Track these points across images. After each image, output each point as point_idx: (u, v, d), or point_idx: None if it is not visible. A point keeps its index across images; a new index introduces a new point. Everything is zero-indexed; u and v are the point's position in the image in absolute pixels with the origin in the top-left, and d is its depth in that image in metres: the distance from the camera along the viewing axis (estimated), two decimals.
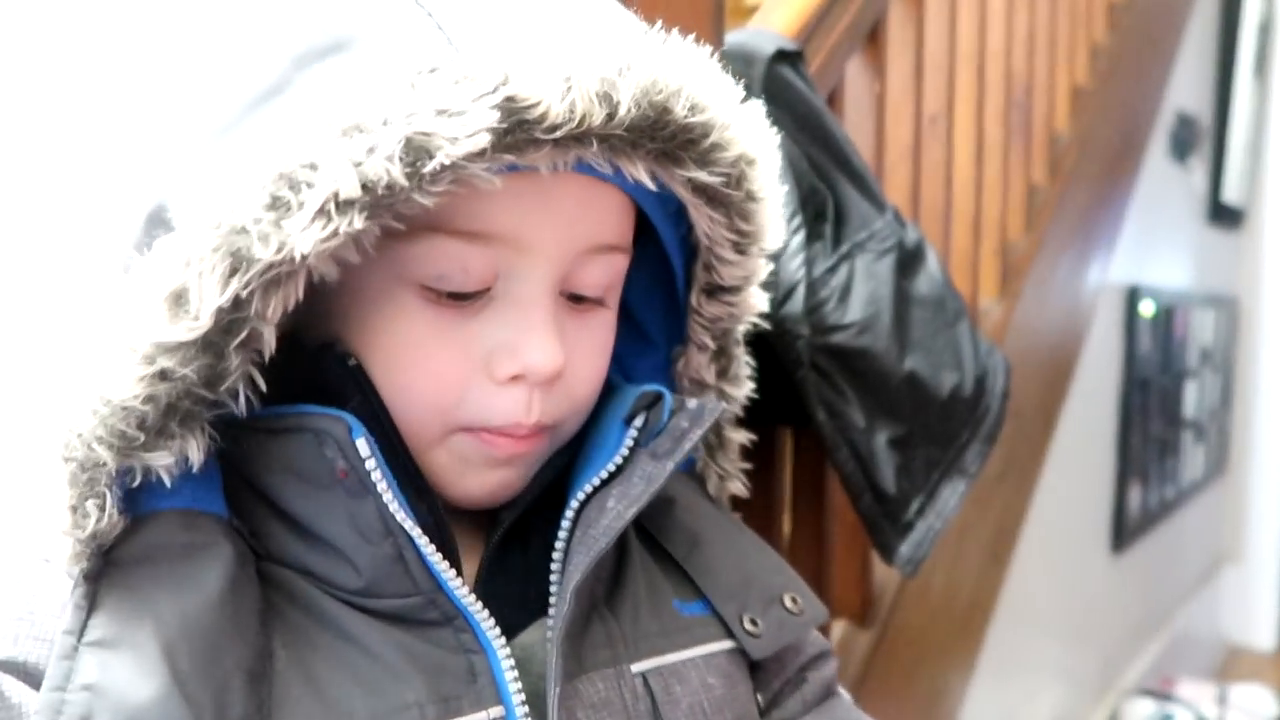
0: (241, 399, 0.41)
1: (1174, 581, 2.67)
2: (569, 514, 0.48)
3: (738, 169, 0.48)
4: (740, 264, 0.53)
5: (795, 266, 0.77)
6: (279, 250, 0.38)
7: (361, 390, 0.45)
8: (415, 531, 0.43)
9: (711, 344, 0.57)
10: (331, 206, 0.37)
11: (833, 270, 0.83)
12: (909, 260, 0.88)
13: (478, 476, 0.48)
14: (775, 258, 0.69)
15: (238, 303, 0.39)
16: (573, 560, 0.46)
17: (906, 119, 1.21)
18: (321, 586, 0.44)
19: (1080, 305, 1.74)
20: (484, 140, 0.38)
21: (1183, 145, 2.34)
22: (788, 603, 0.54)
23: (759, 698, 0.54)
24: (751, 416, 0.64)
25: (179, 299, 0.38)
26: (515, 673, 0.44)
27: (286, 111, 0.40)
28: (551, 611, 0.46)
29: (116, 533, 0.41)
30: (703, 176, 0.46)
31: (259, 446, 0.44)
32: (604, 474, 0.49)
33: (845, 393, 0.82)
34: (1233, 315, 2.90)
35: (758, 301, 0.57)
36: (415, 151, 0.38)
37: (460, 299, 0.45)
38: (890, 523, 0.85)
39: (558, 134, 0.39)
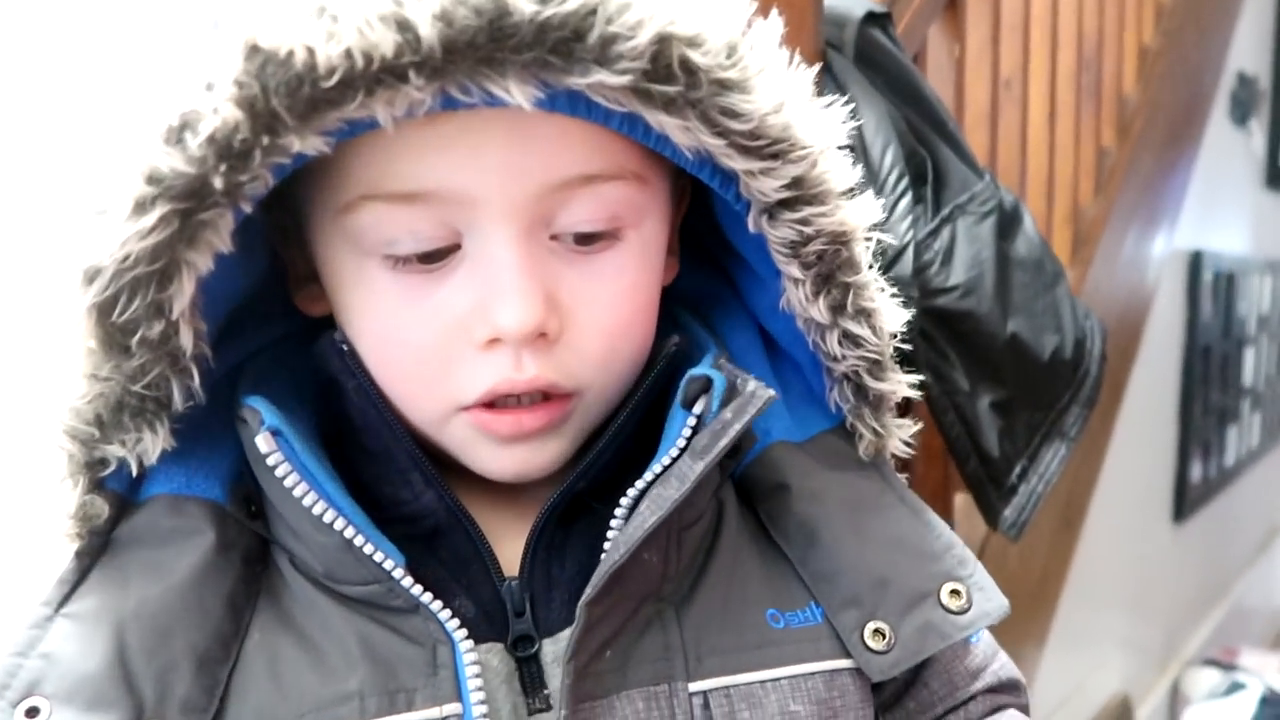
0: (176, 394, 0.41)
1: (1232, 551, 2.64)
2: (620, 511, 0.43)
3: (666, 54, 0.36)
4: (774, 171, 0.41)
5: (904, 229, 0.77)
6: (109, 255, 0.37)
7: (353, 375, 0.43)
8: (340, 524, 0.41)
9: (800, 274, 0.44)
10: (129, 207, 0.36)
11: (934, 233, 0.82)
12: (1008, 222, 0.87)
13: (493, 456, 0.45)
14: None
15: (107, 306, 0.38)
16: (600, 568, 0.41)
17: (984, 82, 1.20)
18: (303, 568, 0.44)
19: (1147, 271, 1.72)
20: (237, 111, 0.35)
21: (1243, 106, 2.29)
22: (945, 597, 0.45)
23: None
24: None
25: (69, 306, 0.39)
26: (478, 668, 0.41)
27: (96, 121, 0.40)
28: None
29: (103, 516, 0.43)
30: (606, 78, 0.36)
31: (242, 431, 0.43)
32: (657, 468, 0.43)
33: (949, 356, 0.81)
34: None
35: (854, 216, 0.44)
36: (184, 134, 0.36)
37: (428, 260, 0.41)
38: (995, 486, 0.84)
39: (334, 79, 0.34)
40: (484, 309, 0.41)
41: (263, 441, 0.40)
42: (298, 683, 0.41)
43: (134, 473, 0.43)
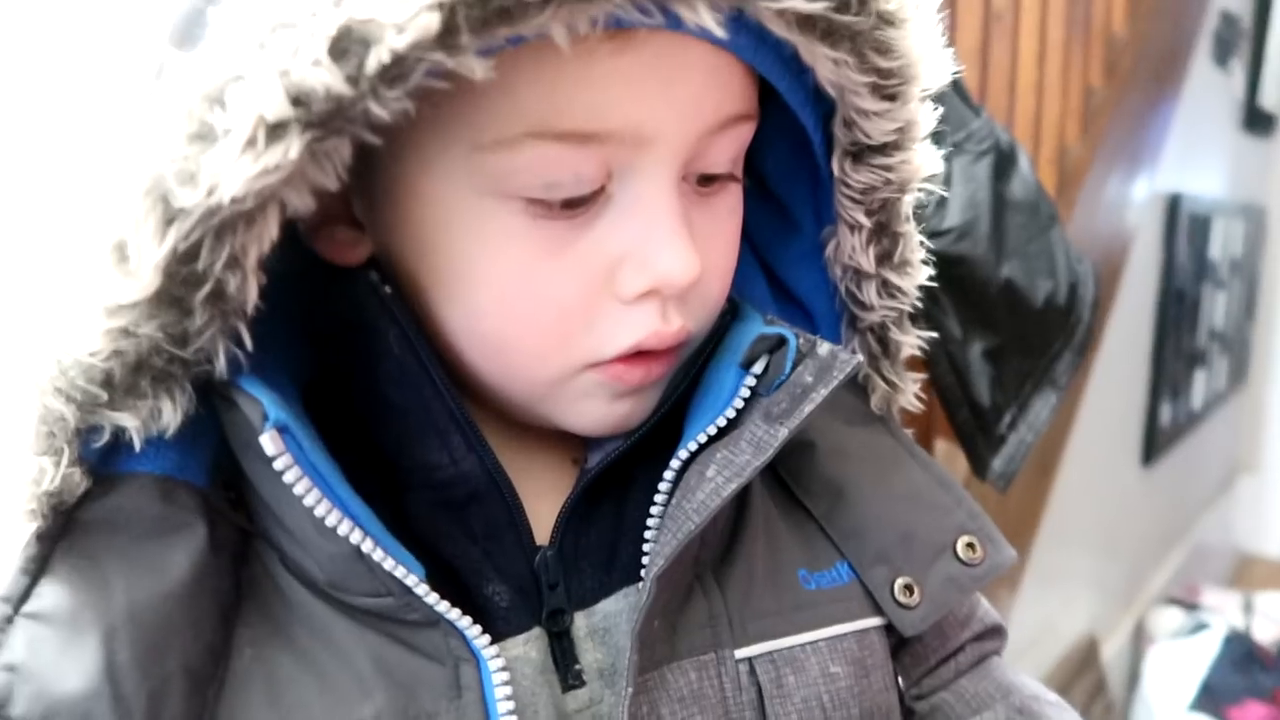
0: (221, 359, 0.35)
1: (1195, 493, 2.69)
2: (669, 474, 0.41)
3: None
4: (890, 113, 0.40)
5: None
6: (209, 193, 0.30)
7: (395, 321, 0.39)
8: (355, 535, 0.36)
9: (867, 221, 0.44)
10: (261, 132, 0.30)
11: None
12: (1005, 162, 0.84)
13: (601, 409, 0.42)
14: None
15: (191, 253, 0.32)
16: (660, 538, 0.39)
17: (976, 14, 1.16)
18: (299, 573, 0.39)
19: (1128, 215, 1.70)
20: (433, 21, 0.29)
21: (1225, 46, 2.26)
22: (961, 550, 0.45)
23: (905, 677, 0.47)
24: None
25: (121, 253, 0.32)
26: (508, 689, 0.37)
27: (214, 25, 0.32)
28: (638, 597, 0.39)
29: (79, 493, 0.36)
30: (799, 5, 0.34)
31: (225, 414, 0.37)
32: (712, 429, 0.41)
33: (942, 302, 0.78)
34: (1260, 225, 2.85)
35: (926, 162, 0.43)
36: (353, 46, 0.29)
37: (573, 206, 0.37)
38: (984, 436, 0.82)
39: None
40: (641, 259, 0.38)
41: (269, 443, 0.35)
42: (303, 707, 0.36)
43: (136, 446, 0.36)
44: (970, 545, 0.45)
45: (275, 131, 0.30)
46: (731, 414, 0.42)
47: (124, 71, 0.37)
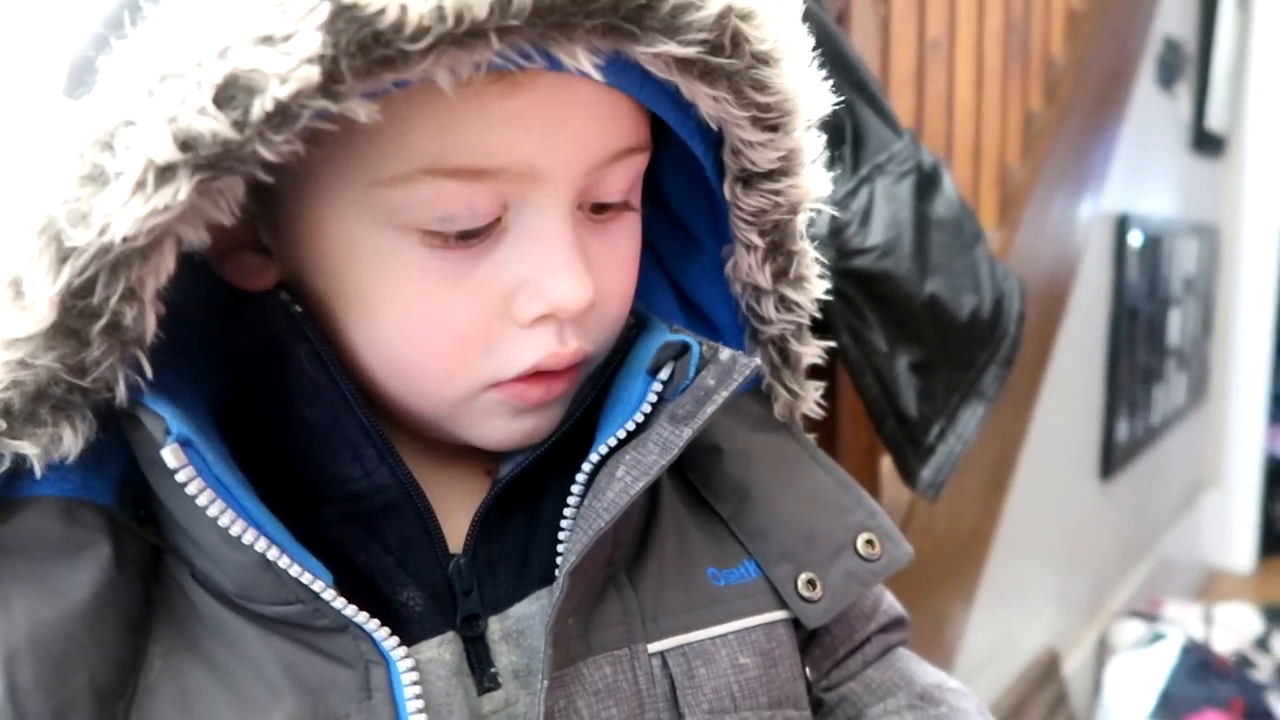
0: (121, 386, 0.36)
1: (1158, 507, 2.72)
2: (580, 478, 0.43)
3: (725, 27, 0.37)
4: (774, 142, 0.43)
5: None
6: (101, 232, 0.32)
7: (306, 338, 0.40)
8: (260, 544, 0.37)
9: (760, 241, 0.46)
10: (150, 175, 0.31)
11: (853, 194, 0.81)
12: (927, 182, 0.87)
13: (506, 425, 0.44)
14: None
15: (86, 288, 0.33)
16: (572, 536, 0.41)
17: (910, 43, 1.20)
18: (209, 585, 0.40)
19: (1074, 234, 1.74)
20: (313, 73, 0.30)
21: (1169, 71, 2.33)
22: (860, 546, 0.48)
23: (813, 669, 0.49)
24: None
25: (17, 289, 0.34)
26: (418, 688, 0.38)
27: (104, 73, 0.33)
28: (551, 594, 0.41)
29: None
30: (673, 49, 0.36)
31: (131, 432, 0.38)
32: (622, 433, 0.43)
33: (867, 317, 0.81)
34: (1214, 243, 2.91)
35: (814, 186, 0.46)
36: (238, 94, 0.31)
37: (469, 237, 0.39)
38: (913, 447, 0.85)
39: (424, 41, 0.32)
40: (536, 286, 0.40)
41: (171, 455, 0.36)
42: (213, 717, 0.37)
43: (37, 473, 0.37)
44: (869, 542, 0.48)
45: (165, 174, 0.31)
46: (640, 418, 0.44)
47: (15, 114, 0.39)
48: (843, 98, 0.84)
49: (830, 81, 0.84)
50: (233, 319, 0.42)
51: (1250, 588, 2.98)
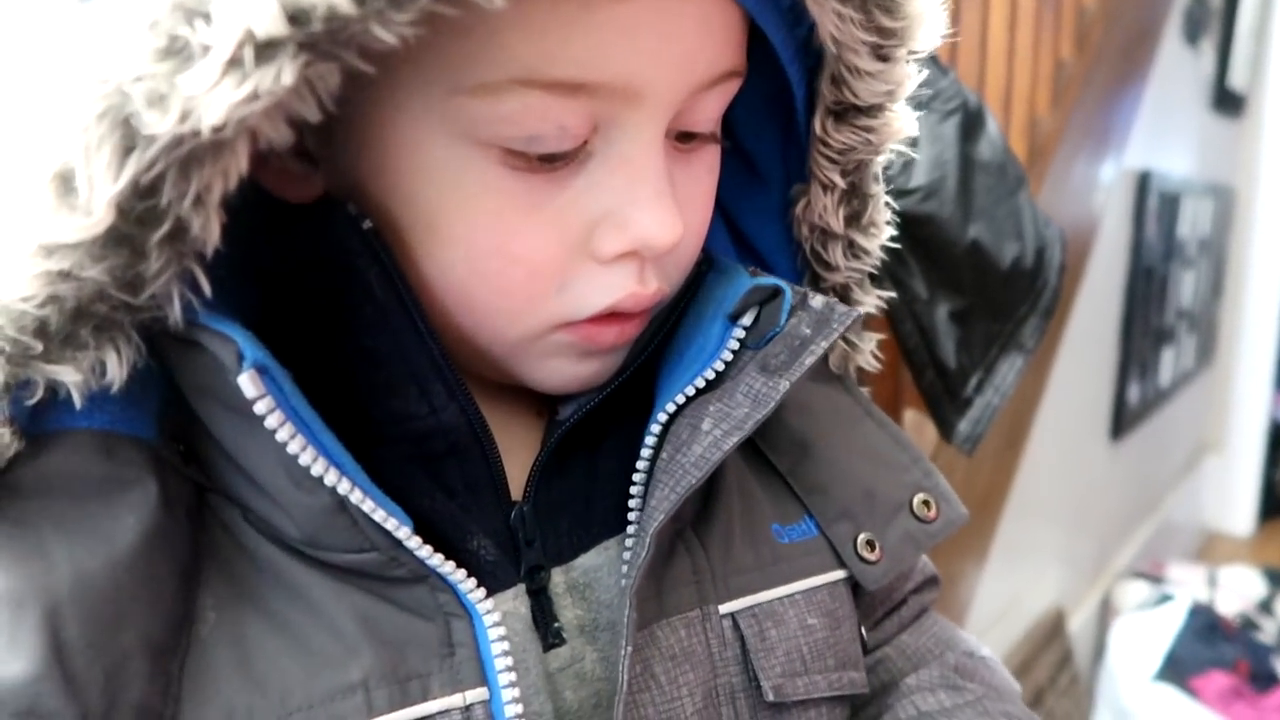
0: (176, 306, 0.31)
1: (1163, 469, 2.71)
2: (655, 428, 0.40)
3: None
4: (882, 74, 0.40)
5: None
6: (183, 119, 0.26)
7: (377, 260, 0.36)
8: (344, 485, 0.33)
9: (840, 182, 0.43)
10: (248, 51, 0.26)
11: None
12: (972, 123, 0.83)
13: (569, 368, 0.40)
14: None
15: (152, 187, 0.28)
16: (656, 492, 0.38)
17: None
18: (267, 531, 0.36)
19: (1098, 189, 1.70)
20: None
21: (1195, 25, 2.27)
22: (917, 507, 0.45)
23: (863, 632, 0.47)
24: None
25: (66, 184, 0.28)
26: (505, 644, 0.35)
27: None
28: (626, 555, 0.38)
29: (9, 455, 0.32)
30: None
31: (179, 358, 0.34)
32: (700, 382, 0.40)
33: (908, 262, 0.78)
34: (1228, 205, 2.87)
35: (905, 124, 0.43)
36: None
37: (552, 160, 0.35)
38: (950, 399, 0.82)
39: None
40: (622, 220, 0.36)
41: (249, 383, 0.31)
42: (278, 675, 0.33)
43: (76, 403, 0.32)
44: (925, 503, 0.45)
45: (265, 51, 0.26)
46: (720, 366, 0.41)
47: None
48: None
49: None
50: (268, 230, 0.38)
51: (1248, 551, 2.98)
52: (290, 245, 0.38)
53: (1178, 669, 1.84)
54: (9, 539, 0.31)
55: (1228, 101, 2.65)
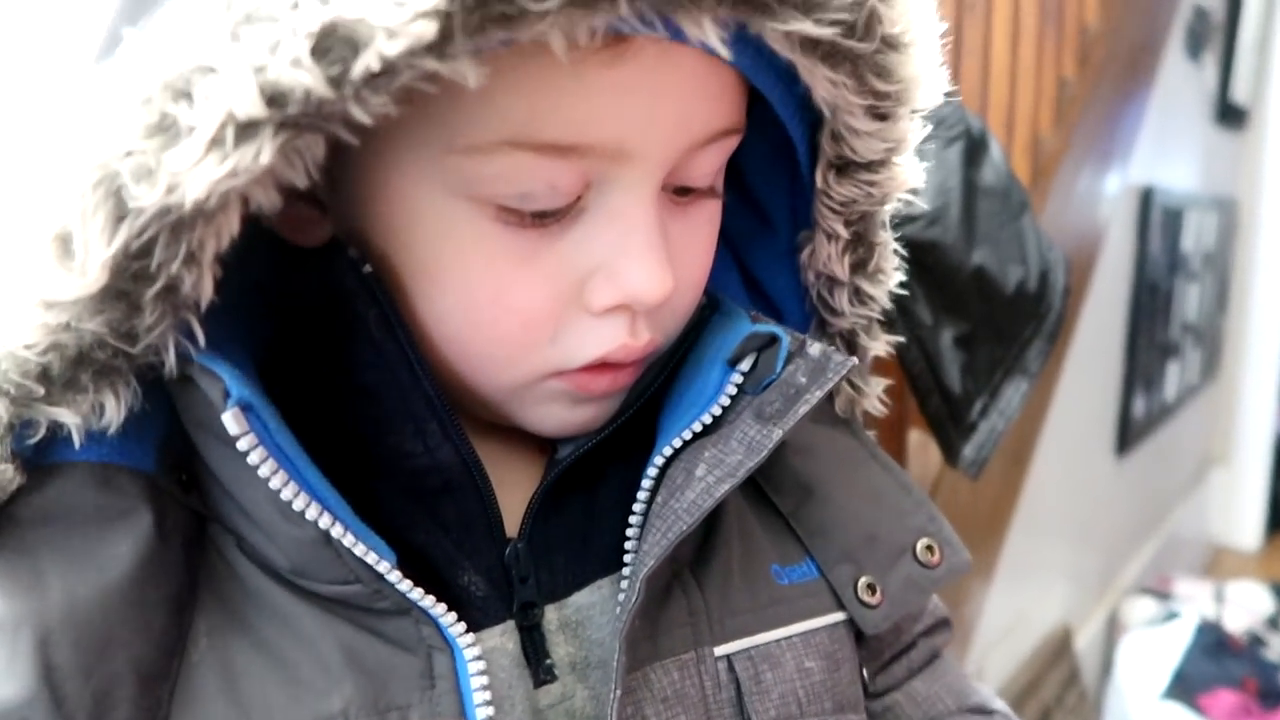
0: (171, 354, 0.33)
1: (1169, 484, 2.70)
2: (652, 470, 0.40)
3: (863, 8, 0.34)
4: (880, 132, 0.40)
5: None
6: (169, 192, 0.28)
7: (376, 302, 0.37)
8: (324, 520, 0.34)
9: (844, 232, 0.44)
10: (229, 131, 0.27)
11: None
12: (975, 148, 0.83)
13: (563, 413, 0.41)
14: None
15: (144, 250, 0.30)
16: (648, 536, 0.38)
17: (948, 3, 1.16)
18: (260, 560, 0.37)
19: (1101, 206, 1.70)
20: (429, 29, 0.27)
21: (1197, 40, 2.27)
22: (920, 552, 0.45)
23: (864, 674, 0.47)
24: None
25: (65, 246, 0.30)
26: (485, 679, 0.36)
27: (182, 6, 0.29)
28: (620, 597, 0.39)
29: (12, 489, 0.34)
30: (808, 28, 0.33)
31: (179, 392, 0.36)
32: (697, 426, 0.41)
33: (913, 288, 0.78)
34: (1232, 218, 2.87)
35: (910, 177, 0.43)
36: (337, 46, 0.27)
37: (545, 216, 0.36)
38: (955, 424, 0.82)
39: (551, 1, 0.28)
40: (612, 274, 0.37)
41: (232, 421, 0.33)
42: (261, 701, 0.34)
43: (75, 443, 0.34)
44: (929, 548, 0.45)
45: (246, 131, 0.28)
46: (717, 411, 0.41)
47: (70, 43, 0.35)
48: None
49: None
50: (279, 271, 0.39)
51: (1256, 564, 2.97)
52: (298, 286, 0.39)
53: (1186, 687, 1.83)
54: (9, 566, 0.33)
55: (1231, 115, 2.65)
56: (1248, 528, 3.13)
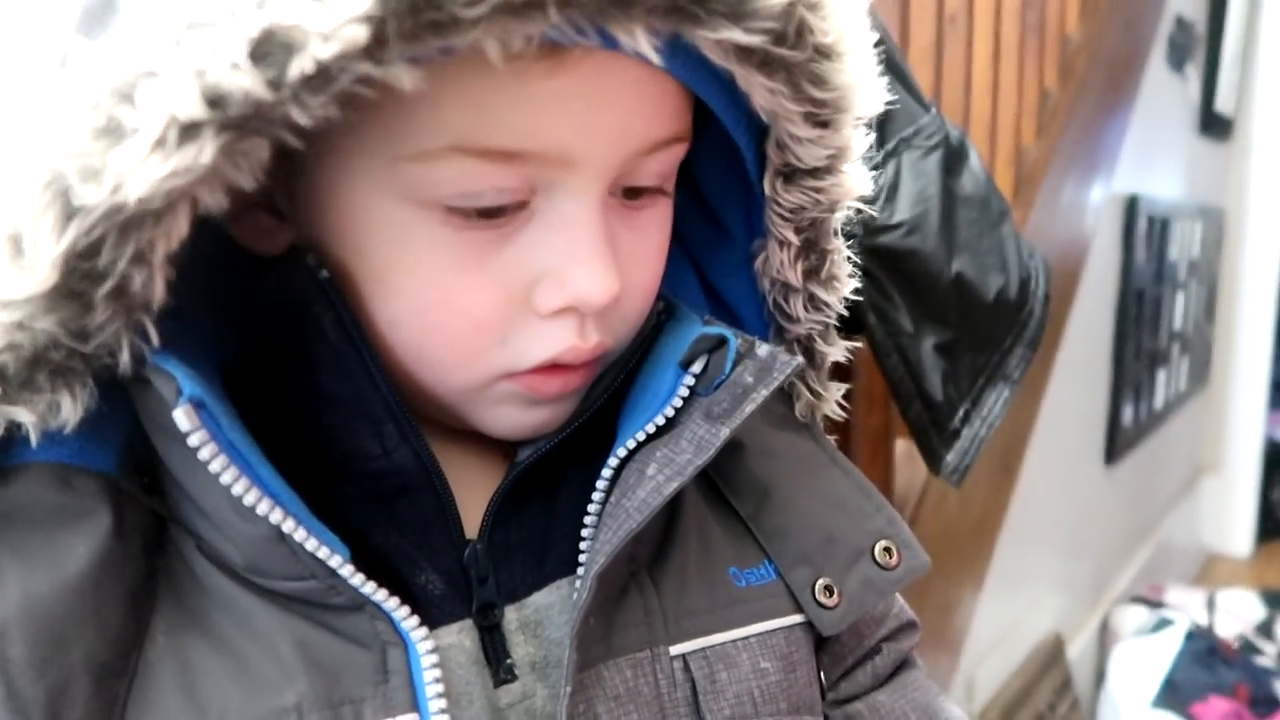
0: (125, 353, 0.34)
1: (1159, 492, 2.71)
2: (606, 472, 0.41)
3: (792, 18, 0.35)
4: (823, 139, 0.40)
5: None
6: (114, 191, 0.29)
7: (332, 306, 0.38)
8: (275, 515, 0.34)
9: (794, 239, 0.44)
10: (172, 132, 0.28)
11: (878, 168, 0.78)
12: (955, 157, 0.84)
13: (516, 416, 0.42)
14: None
15: (92, 249, 0.30)
16: (600, 535, 0.39)
17: (929, 17, 1.17)
18: (217, 558, 0.37)
19: (1086, 216, 1.71)
20: (361, 33, 0.28)
21: (1180, 51, 2.30)
22: (878, 554, 0.46)
23: (824, 677, 0.47)
24: None
25: (17, 245, 0.31)
26: (438, 671, 0.36)
27: (125, 14, 0.31)
28: (574, 596, 0.39)
29: None
30: (737, 36, 0.34)
31: (138, 394, 0.36)
32: (651, 428, 0.41)
33: (893, 297, 0.78)
34: (1218, 227, 2.89)
35: (856, 184, 0.44)
36: (275, 50, 0.28)
37: (492, 215, 0.37)
38: (937, 431, 0.82)
39: (480, 8, 0.29)
40: (560, 277, 0.38)
41: (183, 417, 0.33)
42: (218, 696, 0.35)
43: (33, 441, 0.35)
44: (887, 550, 0.46)
45: (188, 132, 0.28)
46: (670, 412, 0.42)
47: (24, 55, 0.35)
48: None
49: None
50: (244, 280, 0.40)
51: (1247, 572, 2.98)
52: (259, 292, 0.40)
53: (1177, 695, 1.84)
54: None
55: (1215, 125, 2.67)
56: (1238, 535, 3.14)
